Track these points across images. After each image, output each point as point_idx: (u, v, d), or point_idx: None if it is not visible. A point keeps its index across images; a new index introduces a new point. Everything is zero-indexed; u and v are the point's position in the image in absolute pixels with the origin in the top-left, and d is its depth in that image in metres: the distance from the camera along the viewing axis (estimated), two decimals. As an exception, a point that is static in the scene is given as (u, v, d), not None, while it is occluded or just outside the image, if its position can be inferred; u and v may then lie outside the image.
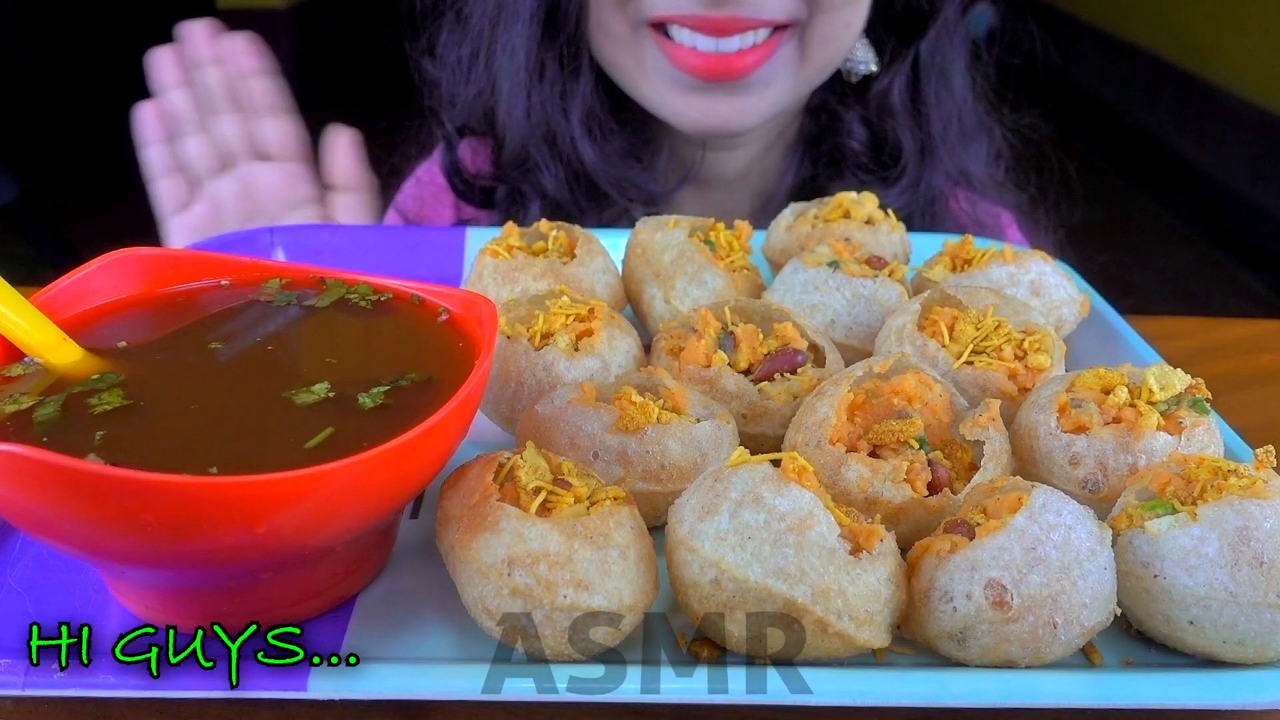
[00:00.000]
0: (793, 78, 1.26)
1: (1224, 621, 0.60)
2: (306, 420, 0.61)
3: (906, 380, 0.74)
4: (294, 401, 0.63)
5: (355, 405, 0.63)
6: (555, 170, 1.30)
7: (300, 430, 0.60)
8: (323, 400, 0.63)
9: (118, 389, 0.64)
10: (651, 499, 0.71)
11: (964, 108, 1.37)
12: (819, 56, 1.25)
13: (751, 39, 1.20)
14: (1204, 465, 0.65)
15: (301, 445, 0.58)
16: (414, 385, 0.65)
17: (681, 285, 0.93)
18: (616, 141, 1.31)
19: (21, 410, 0.61)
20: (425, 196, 1.46)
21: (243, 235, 1.13)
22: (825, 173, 1.38)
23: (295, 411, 0.62)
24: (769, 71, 1.22)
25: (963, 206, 1.42)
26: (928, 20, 1.31)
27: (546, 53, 1.26)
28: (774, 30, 1.21)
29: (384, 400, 0.63)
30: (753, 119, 1.26)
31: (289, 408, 0.62)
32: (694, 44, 1.19)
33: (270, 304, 0.75)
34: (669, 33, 1.21)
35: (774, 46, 1.21)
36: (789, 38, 1.22)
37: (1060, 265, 0.97)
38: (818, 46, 1.23)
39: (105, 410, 0.61)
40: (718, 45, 1.19)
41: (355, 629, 0.65)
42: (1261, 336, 1.17)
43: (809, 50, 1.23)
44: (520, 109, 1.28)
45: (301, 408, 0.62)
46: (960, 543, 0.61)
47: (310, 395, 0.63)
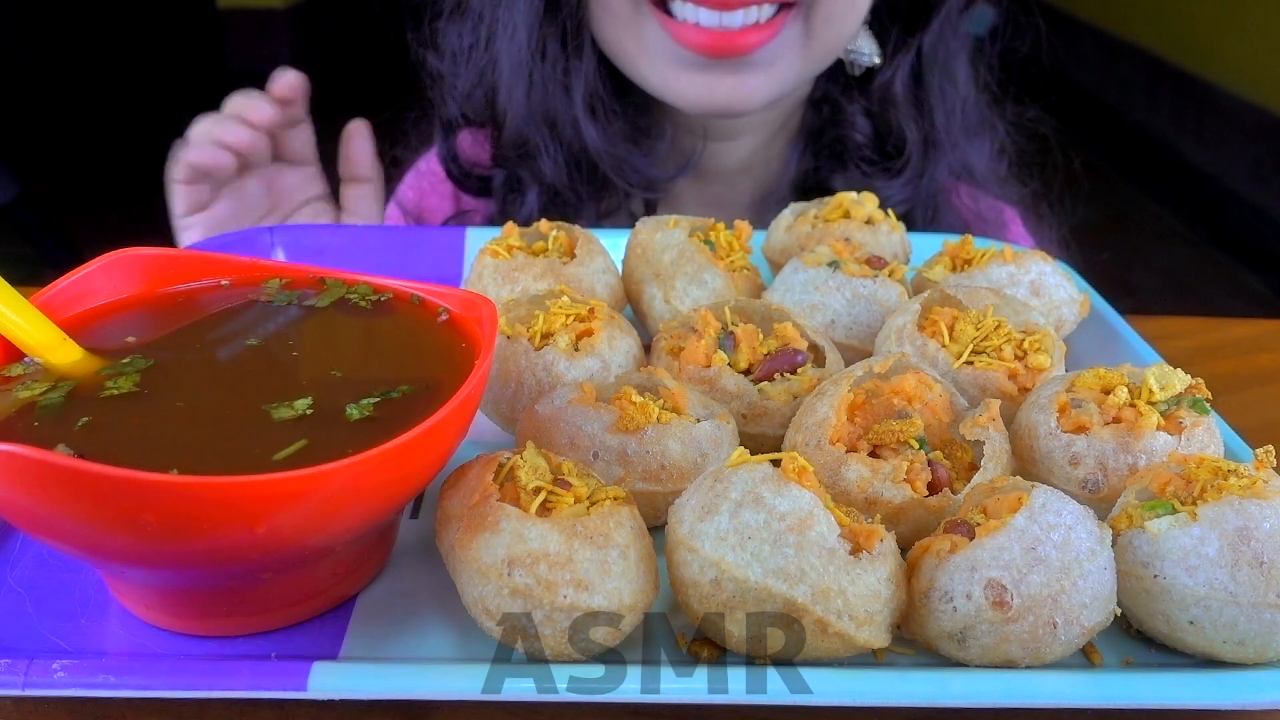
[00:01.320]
0: (798, 58, 1.24)
1: (1224, 621, 0.60)
2: (282, 430, 0.60)
3: (906, 380, 0.74)
4: (273, 413, 0.61)
5: (341, 417, 0.62)
6: (555, 154, 1.29)
7: (276, 439, 0.59)
8: (300, 417, 0.61)
9: (135, 375, 0.65)
10: (651, 499, 0.71)
11: (967, 101, 1.37)
12: (824, 37, 1.23)
13: (755, 15, 1.18)
14: (1204, 465, 0.65)
15: (270, 456, 0.57)
16: (405, 397, 0.64)
17: (681, 285, 0.93)
18: (619, 123, 1.30)
19: (29, 397, 0.62)
20: (424, 187, 1.46)
21: (243, 235, 1.12)
22: (827, 165, 1.37)
23: (274, 420, 0.61)
24: (773, 50, 1.21)
25: (965, 202, 1.42)
26: (931, 11, 1.31)
27: (548, 31, 1.25)
28: (779, 9, 1.20)
29: (372, 413, 0.62)
30: (756, 99, 1.24)
31: (268, 416, 0.61)
32: (696, 19, 1.18)
33: (270, 304, 0.75)
34: (670, 10, 1.20)
35: (779, 25, 1.20)
36: (794, 16, 1.21)
37: (1060, 265, 0.97)
38: (822, 26, 1.22)
39: (113, 395, 0.62)
40: (721, 20, 1.17)
41: (355, 629, 0.65)
42: (1261, 336, 1.17)
43: (814, 30, 1.22)
44: (521, 89, 1.28)
45: (279, 420, 0.61)
46: (960, 543, 0.61)
47: (289, 411, 0.62)
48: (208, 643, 0.63)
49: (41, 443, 0.54)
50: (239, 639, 0.64)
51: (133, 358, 0.68)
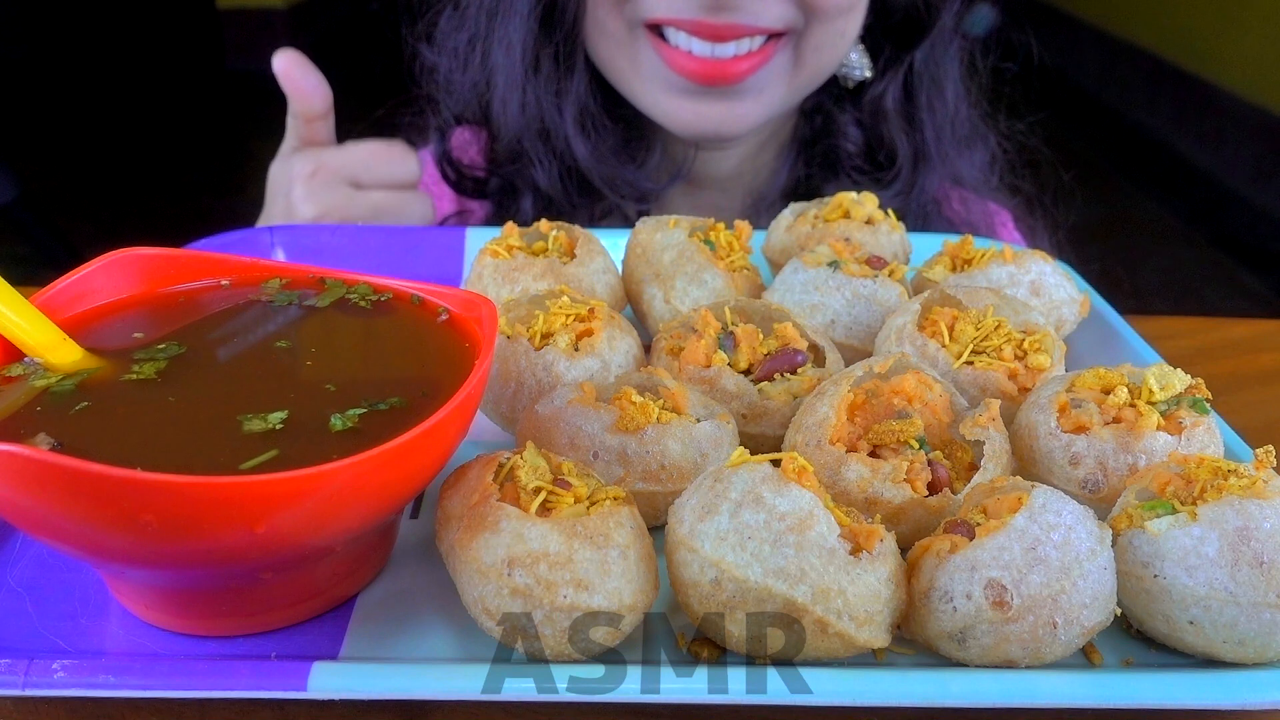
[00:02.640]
0: (785, 85, 1.27)
1: (1224, 621, 0.60)
2: (252, 440, 0.60)
3: (906, 380, 0.74)
4: (251, 421, 0.61)
5: (325, 426, 0.61)
6: (549, 165, 1.30)
7: (252, 446, 0.58)
8: (278, 425, 0.61)
9: (163, 362, 0.66)
10: (651, 499, 0.71)
11: (958, 115, 1.38)
12: (812, 64, 1.26)
13: (747, 45, 1.21)
14: (1204, 465, 0.65)
15: (236, 465, 0.57)
16: (392, 410, 0.63)
17: (681, 285, 0.93)
18: (610, 139, 1.31)
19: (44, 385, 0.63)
20: (427, 182, 1.46)
21: (243, 235, 1.12)
22: (820, 174, 1.39)
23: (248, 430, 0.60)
24: (762, 78, 1.23)
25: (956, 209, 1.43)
26: (925, 29, 1.32)
27: (543, 48, 1.26)
28: (769, 37, 1.21)
29: (356, 424, 0.61)
30: (744, 124, 1.27)
31: (241, 425, 0.60)
32: (689, 48, 1.20)
33: (270, 304, 0.75)
34: (665, 35, 1.21)
35: (768, 54, 1.22)
36: (783, 45, 1.23)
37: (1060, 265, 0.97)
38: (812, 55, 1.24)
39: (135, 379, 0.64)
40: (713, 50, 1.20)
41: (355, 629, 0.65)
42: (1261, 336, 1.17)
43: (803, 59, 1.24)
44: (515, 103, 1.29)
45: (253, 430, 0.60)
46: (960, 543, 0.61)
47: (262, 424, 0.61)
48: (208, 643, 0.63)
49: (27, 429, 0.56)
50: (239, 639, 0.64)
51: (168, 344, 0.68)
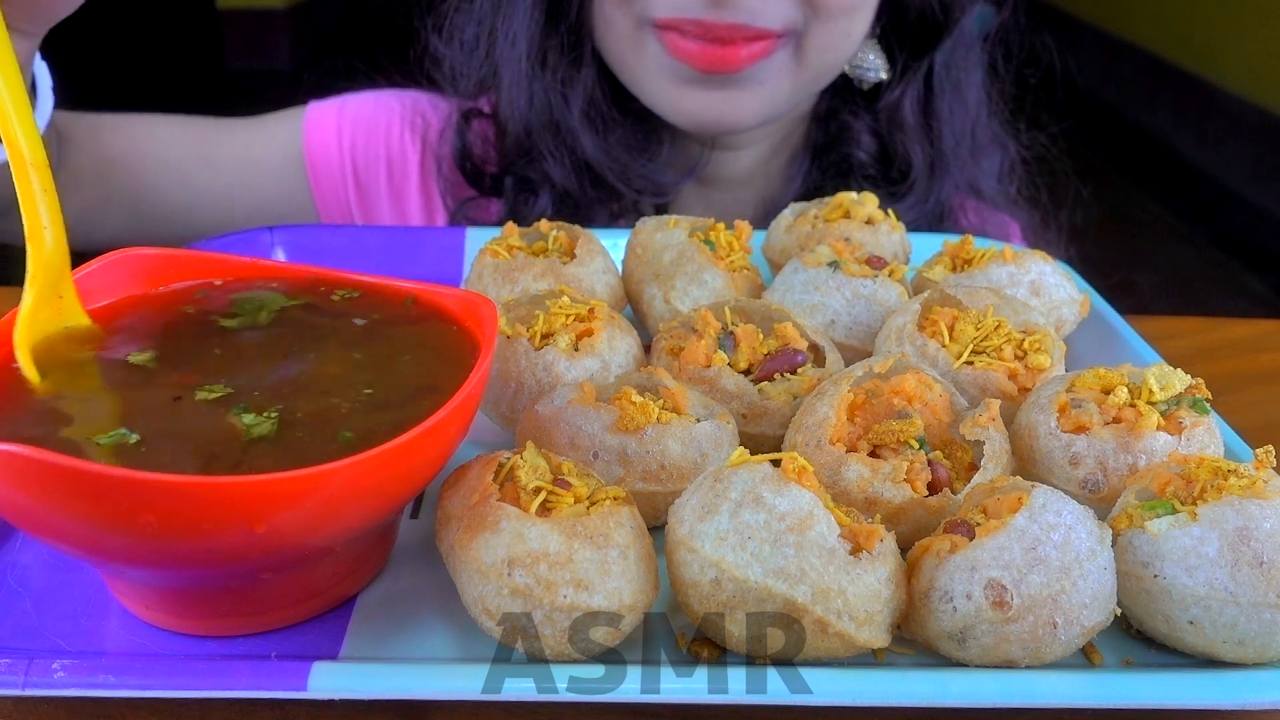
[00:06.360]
0: (788, 81, 1.26)
1: (1224, 621, 0.60)
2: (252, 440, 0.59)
3: (906, 380, 0.74)
4: (251, 421, 0.60)
5: (326, 427, 0.61)
6: (561, 159, 1.30)
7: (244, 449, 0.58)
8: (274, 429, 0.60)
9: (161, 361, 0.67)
10: (651, 499, 0.71)
11: (978, 122, 1.36)
12: (816, 64, 1.25)
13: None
14: (1204, 465, 0.65)
15: (236, 465, 0.56)
16: (392, 410, 0.62)
17: (681, 285, 0.93)
18: (618, 133, 1.30)
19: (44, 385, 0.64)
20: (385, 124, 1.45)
21: (243, 235, 1.12)
22: (832, 183, 1.37)
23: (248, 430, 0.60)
24: (764, 70, 1.22)
25: (971, 221, 1.42)
26: (942, 32, 1.31)
27: (548, 42, 1.26)
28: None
29: (356, 424, 0.60)
30: (745, 116, 1.26)
31: (240, 426, 0.60)
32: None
33: (270, 304, 0.75)
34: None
35: (770, 46, 1.21)
36: (785, 43, 1.23)
37: (1060, 265, 0.97)
38: (815, 55, 1.24)
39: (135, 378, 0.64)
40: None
41: (355, 629, 0.65)
42: (1261, 336, 1.17)
43: (806, 58, 1.24)
44: (523, 98, 1.28)
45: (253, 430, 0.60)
46: (960, 543, 0.61)
47: (262, 424, 0.60)
48: (208, 643, 0.63)
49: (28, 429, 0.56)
50: (239, 639, 0.63)
51: (167, 344, 0.69)
